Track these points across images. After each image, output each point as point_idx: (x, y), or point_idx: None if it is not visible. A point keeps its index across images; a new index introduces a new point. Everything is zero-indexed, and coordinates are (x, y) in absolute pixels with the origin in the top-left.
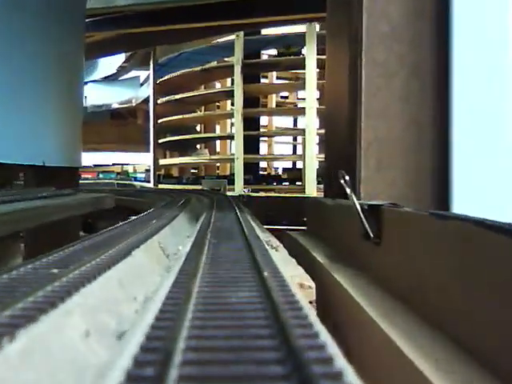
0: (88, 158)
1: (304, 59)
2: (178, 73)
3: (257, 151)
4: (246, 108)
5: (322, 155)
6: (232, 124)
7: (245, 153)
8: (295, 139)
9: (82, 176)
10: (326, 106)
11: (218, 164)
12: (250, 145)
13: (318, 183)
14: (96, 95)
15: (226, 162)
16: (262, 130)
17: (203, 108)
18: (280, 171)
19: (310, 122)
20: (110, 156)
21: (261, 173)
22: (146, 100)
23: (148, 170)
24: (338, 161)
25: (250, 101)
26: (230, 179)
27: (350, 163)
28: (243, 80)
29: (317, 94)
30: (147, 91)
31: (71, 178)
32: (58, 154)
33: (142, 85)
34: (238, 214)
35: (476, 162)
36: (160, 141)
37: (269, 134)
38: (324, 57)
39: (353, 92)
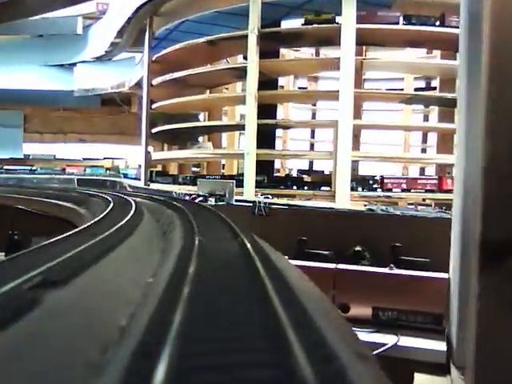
0: (77, 151)
1: (339, 29)
2: (177, 46)
3: (272, 146)
4: (262, 90)
5: (357, 153)
6: (242, 116)
7: (258, 147)
8: (313, 135)
9: (67, 170)
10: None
11: (224, 162)
12: (264, 138)
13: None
14: (85, 78)
15: (234, 158)
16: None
17: (208, 92)
18: (294, 173)
19: (345, 111)
20: (103, 149)
21: (276, 174)
22: (140, 83)
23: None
24: None
25: (266, 83)
26: (238, 180)
27: None
28: (259, 55)
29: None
30: (142, 72)
31: None
32: None
33: (137, 65)
34: None
35: None
36: (154, 130)
37: (289, 124)
38: (366, 26)
39: None
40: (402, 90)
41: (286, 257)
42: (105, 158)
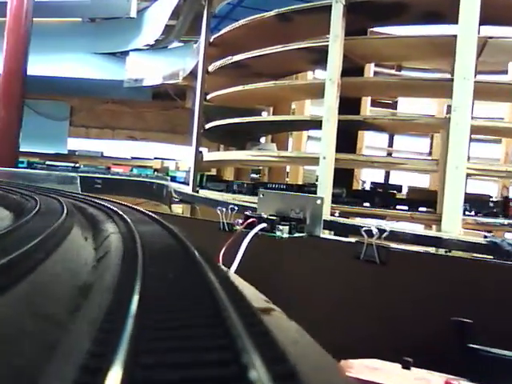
0: (126, 148)
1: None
2: (241, 23)
3: (352, 150)
4: (346, 77)
5: (472, 165)
6: (316, 121)
7: (337, 151)
8: (391, 143)
9: (112, 169)
10: None
11: (288, 168)
12: (343, 140)
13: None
14: (137, 67)
15: (305, 164)
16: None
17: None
18: (368, 186)
19: (462, 107)
20: (155, 148)
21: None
22: (196, 71)
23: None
24: None
25: (348, 71)
26: (307, 192)
27: None
28: (345, 31)
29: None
30: (197, 58)
31: None
32: None
33: (193, 52)
34: None
35: None
36: (208, 126)
37: (381, 121)
38: None
39: None
40: None
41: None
42: (155, 158)
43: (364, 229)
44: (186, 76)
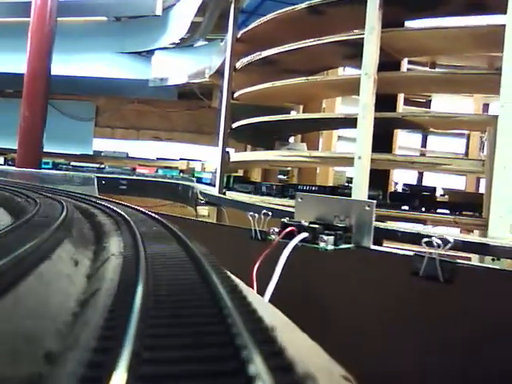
0: (151, 149)
1: None
2: (269, 17)
3: (388, 150)
4: (382, 72)
5: None
6: (349, 119)
7: (372, 150)
8: (425, 143)
9: (137, 170)
10: None
11: (318, 169)
12: (379, 138)
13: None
14: (162, 66)
15: (338, 165)
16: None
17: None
18: (400, 188)
19: (510, 102)
20: (180, 149)
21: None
22: (222, 69)
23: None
24: None
25: (384, 65)
26: (340, 195)
27: None
28: (381, 23)
29: None
30: (224, 55)
31: None
32: None
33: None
34: None
35: None
36: (235, 125)
37: (422, 119)
38: None
39: None
40: None
41: None
42: (181, 159)
43: (425, 240)
44: (213, 74)
